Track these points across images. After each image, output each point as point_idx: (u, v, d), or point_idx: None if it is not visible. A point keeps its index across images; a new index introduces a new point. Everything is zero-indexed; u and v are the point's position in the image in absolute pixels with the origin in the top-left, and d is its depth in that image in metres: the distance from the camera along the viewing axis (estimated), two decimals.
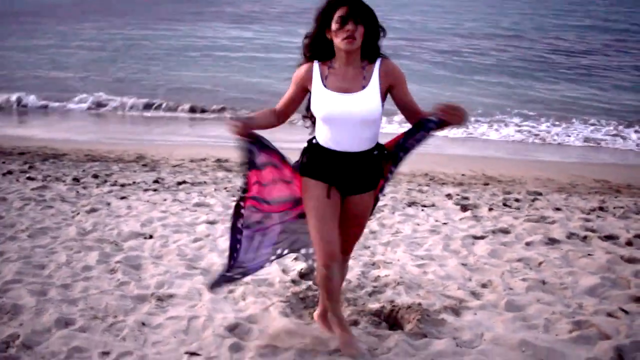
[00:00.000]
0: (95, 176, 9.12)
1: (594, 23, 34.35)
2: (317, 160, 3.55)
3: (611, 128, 14.75)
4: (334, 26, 3.33)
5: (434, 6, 42.77)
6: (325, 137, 3.50)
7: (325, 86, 3.44)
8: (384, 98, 3.49)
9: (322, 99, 3.43)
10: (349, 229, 3.71)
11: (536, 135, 14.43)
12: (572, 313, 4.33)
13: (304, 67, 3.53)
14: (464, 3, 44.85)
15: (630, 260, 5.47)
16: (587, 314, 4.32)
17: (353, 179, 3.54)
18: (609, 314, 4.32)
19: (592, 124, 15.08)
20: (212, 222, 6.64)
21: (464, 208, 7.61)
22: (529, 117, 15.62)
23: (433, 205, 7.77)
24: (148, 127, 15.41)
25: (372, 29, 3.38)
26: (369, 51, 3.45)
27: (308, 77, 3.50)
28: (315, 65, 3.49)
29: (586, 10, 40.00)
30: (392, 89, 3.48)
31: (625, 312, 4.34)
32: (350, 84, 3.42)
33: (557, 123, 15.12)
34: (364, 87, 3.41)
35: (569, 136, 14.26)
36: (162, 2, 44.39)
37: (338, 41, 3.35)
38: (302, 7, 35.80)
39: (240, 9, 41.55)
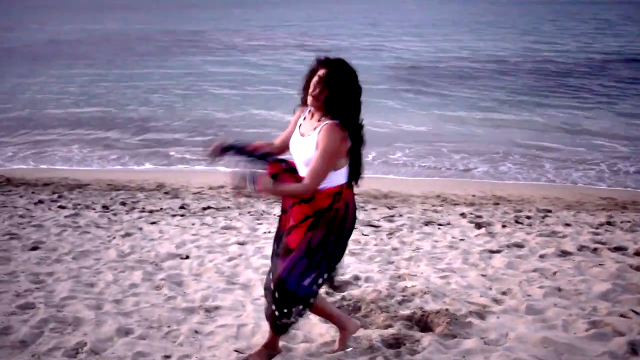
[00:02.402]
0: (123, 204, 9.55)
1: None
2: None
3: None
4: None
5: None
6: None
7: (299, 127, 3.88)
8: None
9: (292, 136, 3.90)
10: None
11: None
12: (588, 315, 4.72)
13: (300, 110, 3.95)
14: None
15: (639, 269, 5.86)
16: (601, 315, 4.71)
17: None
18: (622, 315, 4.71)
19: None
20: (242, 243, 7.04)
21: (479, 225, 8.00)
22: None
23: (449, 223, 8.17)
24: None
25: (336, 95, 3.64)
26: (328, 111, 3.71)
27: (298, 119, 3.95)
28: (306, 110, 3.90)
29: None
30: None
31: (637, 313, 4.74)
32: (308, 130, 3.78)
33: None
34: (309, 135, 3.76)
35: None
36: None
37: None
38: None
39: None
